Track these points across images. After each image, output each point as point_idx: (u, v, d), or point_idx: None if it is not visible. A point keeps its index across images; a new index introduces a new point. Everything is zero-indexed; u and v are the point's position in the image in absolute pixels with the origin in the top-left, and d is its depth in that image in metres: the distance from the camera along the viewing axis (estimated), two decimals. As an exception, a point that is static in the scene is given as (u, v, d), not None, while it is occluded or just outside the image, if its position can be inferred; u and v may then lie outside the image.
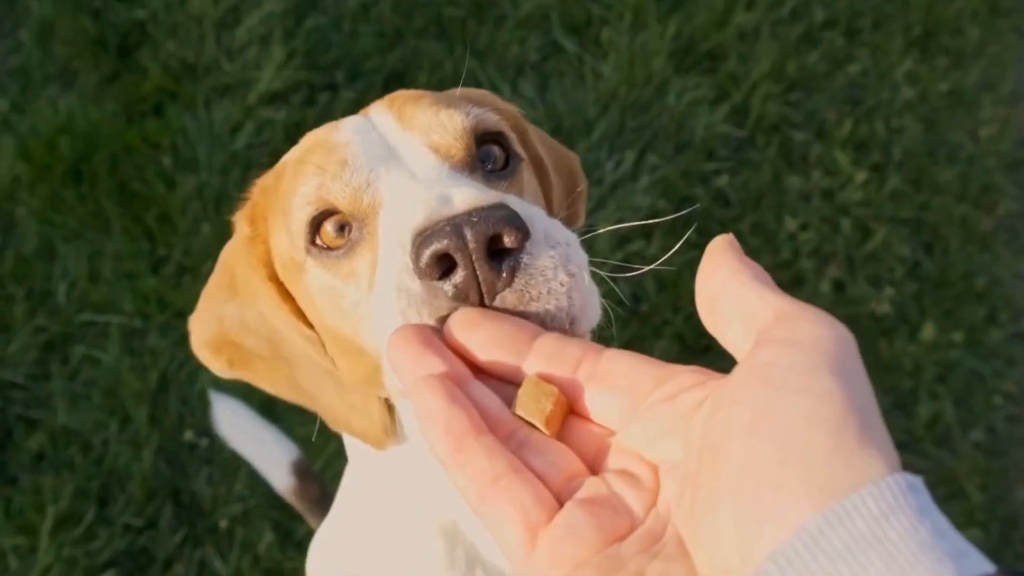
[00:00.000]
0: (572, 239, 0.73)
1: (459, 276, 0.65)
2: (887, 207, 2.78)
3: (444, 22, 3.11)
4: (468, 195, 0.68)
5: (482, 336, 0.64)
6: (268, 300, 0.89)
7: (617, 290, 0.83)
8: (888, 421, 0.49)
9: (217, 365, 0.98)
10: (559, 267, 0.68)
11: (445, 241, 0.64)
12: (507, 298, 0.66)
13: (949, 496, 2.37)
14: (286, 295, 0.89)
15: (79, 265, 2.60)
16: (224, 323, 0.95)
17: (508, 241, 0.65)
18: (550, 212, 0.96)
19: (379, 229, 0.76)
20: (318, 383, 0.91)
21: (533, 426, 0.62)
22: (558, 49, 3.07)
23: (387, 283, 0.70)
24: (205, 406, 2.34)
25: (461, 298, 0.65)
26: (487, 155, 0.83)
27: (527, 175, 0.88)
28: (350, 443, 1.01)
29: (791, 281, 2.65)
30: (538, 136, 1.02)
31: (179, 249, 2.62)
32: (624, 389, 0.61)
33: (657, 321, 2.55)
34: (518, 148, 0.88)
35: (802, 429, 0.49)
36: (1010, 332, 2.62)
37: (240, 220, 0.95)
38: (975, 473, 2.39)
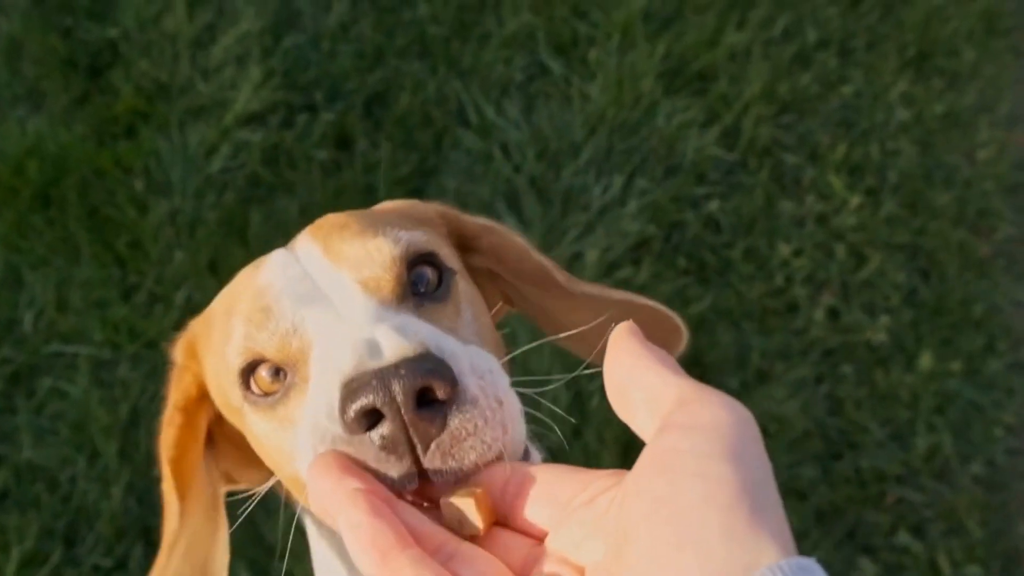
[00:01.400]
0: (495, 366, 0.75)
1: (386, 428, 0.66)
2: (882, 232, 2.80)
3: (427, 41, 3.12)
4: (395, 342, 0.70)
5: None
6: (165, 431, 0.93)
7: (541, 414, 0.84)
8: (885, 453, 0.50)
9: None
10: (489, 399, 0.70)
11: (372, 396, 0.66)
12: (442, 441, 0.67)
13: (948, 531, 2.37)
14: (191, 426, 0.93)
15: (46, 293, 2.60)
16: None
17: (439, 394, 0.67)
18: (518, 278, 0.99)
19: (310, 374, 0.77)
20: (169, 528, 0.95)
21: (461, 534, 0.65)
22: (544, 70, 3.09)
23: (312, 430, 0.72)
24: (177, 440, 2.33)
25: (389, 448, 0.67)
26: (420, 277, 0.84)
27: (463, 285, 0.89)
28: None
29: (784, 308, 2.66)
30: (467, 216, 1.04)
31: (151, 277, 2.62)
32: (551, 498, 0.64)
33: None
34: (450, 262, 0.88)
35: (698, 513, 0.51)
36: (1009, 361, 2.64)
37: (173, 353, 0.97)
38: (975, 507, 2.40)
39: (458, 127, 2.95)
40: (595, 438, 2.39)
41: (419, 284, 0.83)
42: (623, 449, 2.36)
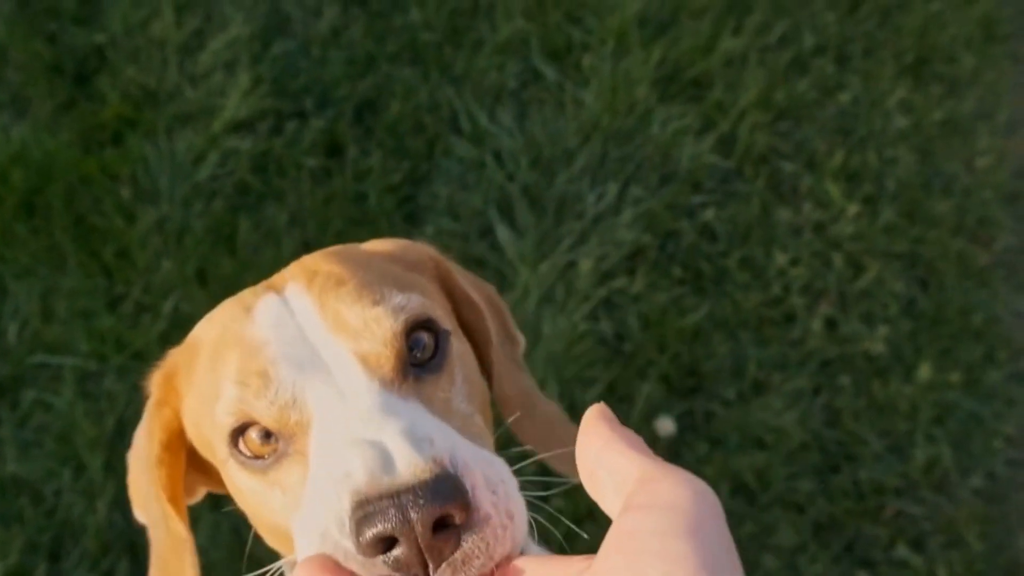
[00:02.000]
0: (506, 475, 0.77)
1: (401, 551, 0.69)
2: (880, 241, 2.81)
3: (418, 47, 3.13)
4: (408, 457, 0.71)
5: None
6: (149, 467, 0.94)
7: (534, 520, 0.87)
8: (883, 465, 0.51)
9: (134, 503, 1.04)
10: (500, 515, 0.73)
11: (389, 525, 0.68)
12: (454, 560, 0.70)
13: (948, 545, 2.38)
14: (175, 463, 0.94)
15: (31, 303, 2.59)
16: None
17: (455, 519, 0.69)
18: (486, 346, 1.02)
19: (310, 456, 0.79)
20: (158, 568, 0.97)
21: None
22: (537, 76, 3.10)
23: (321, 537, 0.73)
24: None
25: (402, 569, 0.69)
26: (417, 342, 0.86)
27: (456, 344, 0.92)
28: None
29: (781, 318, 2.67)
30: (458, 270, 1.06)
31: (138, 286, 2.62)
32: None
33: (641, 361, 2.56)
34: (445, 324, 0.91)
35: None
36: (1009, 372, 2.65)
37: (150, 385, 0.99)
38: (975, 520, 2.41)
39: (450, 134, 2.96)
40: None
41: (415, 349, 0.86)
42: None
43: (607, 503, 0.63)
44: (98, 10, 3.16)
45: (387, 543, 0.68)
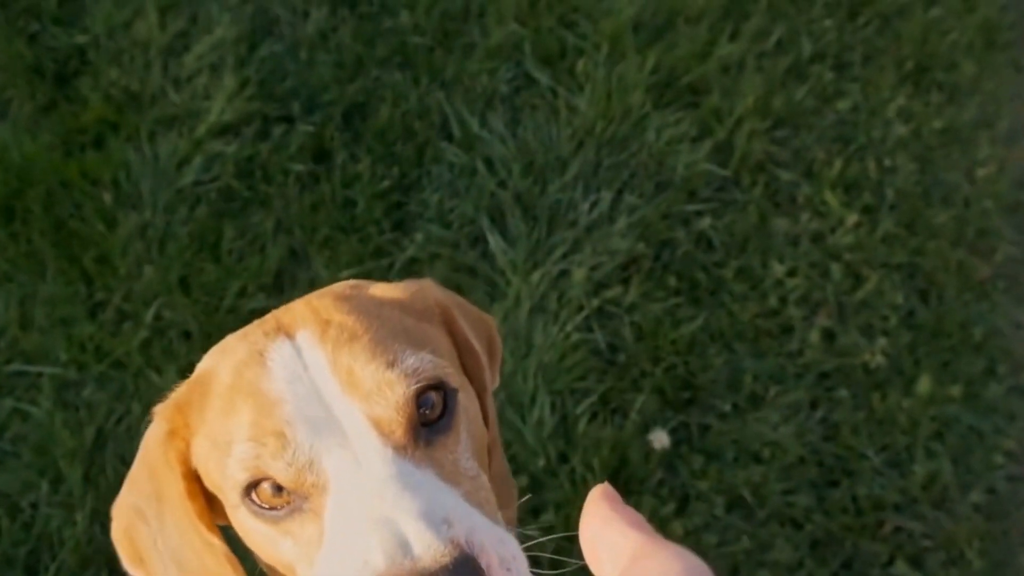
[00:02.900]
0: (517, 552, 0.85)
1: None
2: (879, 252, 2.83)
3: (409, 51, 3.14)
4: (427, 541, 0.78)
5: None
6: (177, 501, 0.97)
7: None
8: (882, 480, 0.52)
9: (128, 556, 1.05)
10: None
11: None
12: None
13: (947, 562, 2.39)
14: (197, 494, 0.97)
15: (9, 310, 2.59)
16: (136, 532, 1.03)
17: None
18: (482, 392, 1.06)
19: (326, 527, 0.85)
20: None
21: None
22: (530, 81, 3.11)
23: None
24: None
25: None
26: (426, 401, 0.91)
27: (462, 399, 0.97)
28: None
29: (778, 330, 2.68)
30: (462, 314, 1.10)
31: (119, 293, 2.61)
32: None
33: (635, 373, 2.56)
34: (454, 382, 0.96)
35: None
36: (1010, 386, 2.66)
37: (160, 415, 1.01)
38: (975, 537, 2.42)
39: (441, 140, 2.97)
40: (582, 464, 2.40)
41: (424, 407, 0.91)
42: (612, 475, 2.36)
43: None
44: (80, 10, 3.16)
45: None
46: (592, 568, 0.69)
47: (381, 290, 1.04)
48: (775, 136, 3.05)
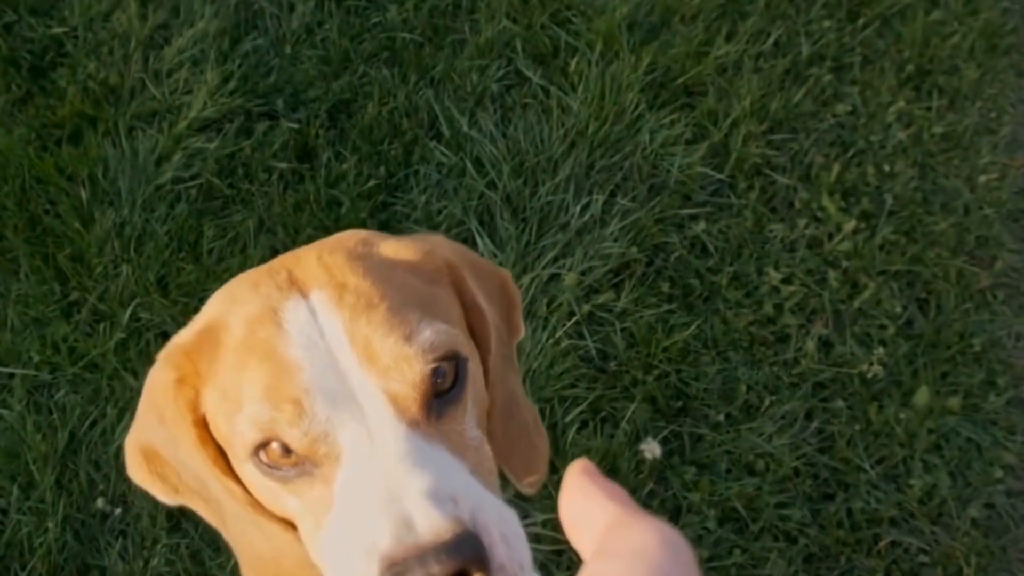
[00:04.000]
0: (518, 529, 0.90)
1: None
2: (878, 259, 2.84)
3: (397, 47, 3.14)
4: (431, 519, 0.82)
5: None
6: (192, 449, 1.00)
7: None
8: (879, 494, 0.52)
9: (160, 488, 1.08)
10: (514, 566, 0.85)
11: None
12: None
13: (944, 578, 2.40)
14: (209, 441, 0.99)
15: (-20, 309, 2.58)
16: (159, 450, 1.06)
17: (473, 572, 0.82)
18: (485, 354, 1.08)
19: (336, 497, 0.89)
20: (241, 527, 1.03)
21: None
22: (522, 79, 3.11)
23: None
24: (119, 471, 2.32)
25: None
26: (439, 372, 0.94)
27: (471, 369, 1.00)
28: None
29: (774, 339, 2.69)
30: (473, 273, 1.11)
31: (95, 293, 2.60)
32: None
33: (626, 381, 2.57)
34: (465, 350, 0.99)
35: None
36: (1010, 398, 2.67)
37: (166, 362, 1.03)
38: (973, 553, 2.42)
39: (429, 139, 2.97)
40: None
41: (437, 378, 0.94)
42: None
43: (585, 554, 0.68)
44: (58, 0, 3.15)
45: None
46: (572, 541, 0.71)
47: (392, 249, 1.04)
48: (772, 139, 3.06)
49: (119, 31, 3.07)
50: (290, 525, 0.98)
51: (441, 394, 0.94)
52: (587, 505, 0.69)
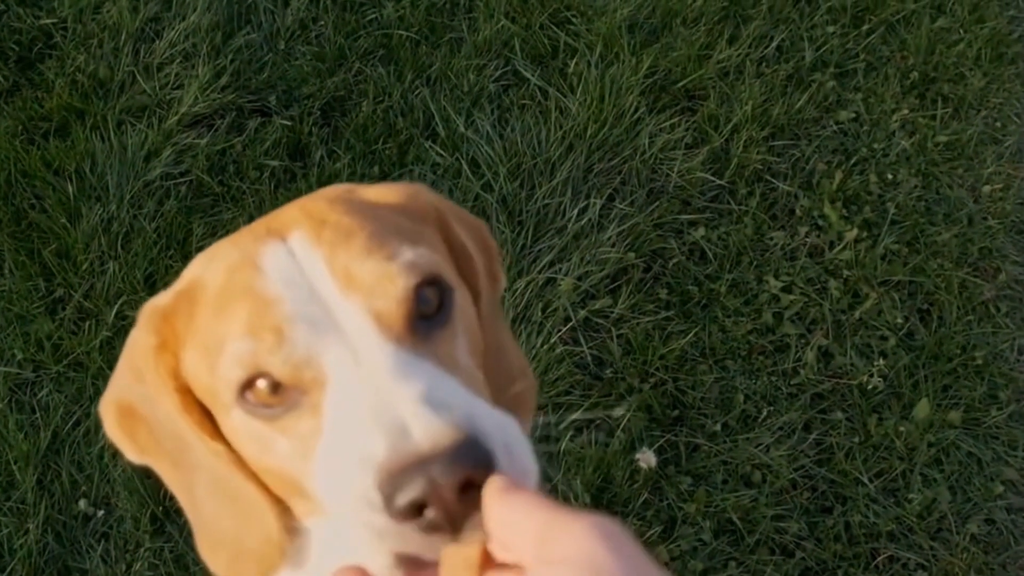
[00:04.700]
0: (519, 435, 0.85)
1: (432, 514, 0.76)
2: (879, 269, 2.84)
3: (393, 45, 3.13)
4: (428, 423, 0.78)
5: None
6: (175, 413, 0.97)
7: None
8: (877, 508, 0.52)
9: (130, 446, 1.04)
10: (518, 473, 0.81)
11: (420, 492, 0.76)
12: (476, 518, 0.77)
13: (943, 595, 2.40)
14: (193, 405, 0.97)
15: (-37, 305, 2.57)
16: (136, 407, 1.03)
17: (480, 480, 0.77)
18: (476, 297, 1.06)
19: (325, 421, 0.86)
20: (212, 499, 1.00)
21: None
22: (520, 80, 3.11)
23: (345, 508, 0.81)
24: (103, 472, 2.31)
25: (431, 531, 0.77)
26: (423, 298, 0.91)
27: (459, 300, 0.98)
28: None
29: (773, 348, 2.68)
30: (456, 218, 1.10)
31: (80, 290, 2.59)
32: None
33: (622, 388, 2.56)
34: (451, 280, 0.97)
35: None
36: (1011, 412, 2.67)
37: (147, 322, 1.01)
38: (972, 569, 2.42)
39: (424, 139, 2.96)
40: (564, 482, 2.39)
41: (422, 303, 0.91)
42: (595, 495, 2.36)
43: (523, 562, 0.70)
44: (47, -9, 3.15)
45: (417, 509, 0.76)
46: (505, 557, 0.73)
47: (375, 193, 1.04)
48: (773, 145, 3.06)
49: (109, 23, 3.07)
50: (270, 495, 0.96)
51: (427, 318, 0.91)
52: (513, 517, 0.71)
